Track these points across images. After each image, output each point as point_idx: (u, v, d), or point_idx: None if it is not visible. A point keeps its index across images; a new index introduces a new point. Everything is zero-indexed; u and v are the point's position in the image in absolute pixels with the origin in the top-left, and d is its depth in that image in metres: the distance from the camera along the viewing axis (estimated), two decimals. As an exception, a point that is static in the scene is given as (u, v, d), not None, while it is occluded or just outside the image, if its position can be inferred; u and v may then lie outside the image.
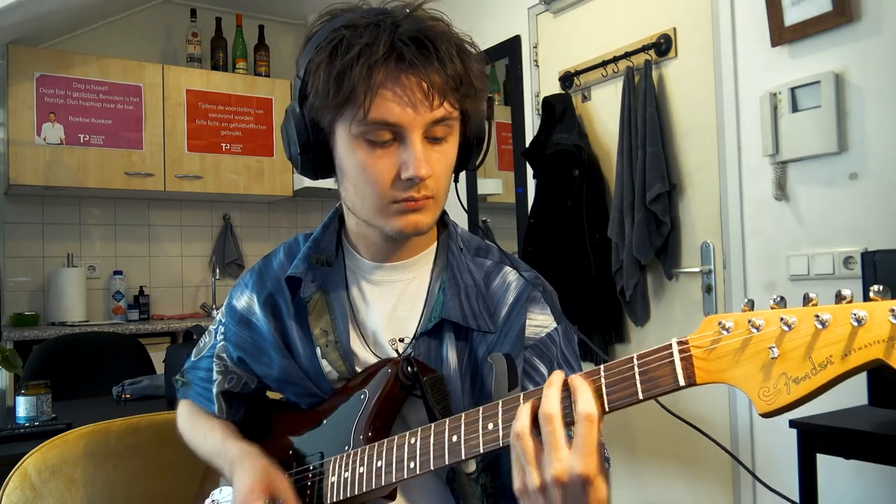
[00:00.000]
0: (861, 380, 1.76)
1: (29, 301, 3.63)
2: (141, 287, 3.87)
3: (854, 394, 1.79)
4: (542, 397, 0.68)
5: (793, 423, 1.75)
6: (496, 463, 0.91)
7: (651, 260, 2.53)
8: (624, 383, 0.65)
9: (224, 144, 3.84)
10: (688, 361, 0.62)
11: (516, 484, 0.69)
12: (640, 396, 0.64)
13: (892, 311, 0.51)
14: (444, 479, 0.92)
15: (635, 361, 0.65)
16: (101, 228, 3.84)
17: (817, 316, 0.55)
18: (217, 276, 4.05)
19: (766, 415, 0.57)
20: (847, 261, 2.03)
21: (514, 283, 0.95)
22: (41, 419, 1.76)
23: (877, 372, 1.76)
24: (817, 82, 2.07)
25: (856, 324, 0.53)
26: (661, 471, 2.60)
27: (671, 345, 0.63)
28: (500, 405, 0.73)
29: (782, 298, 0.58)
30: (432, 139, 0.87)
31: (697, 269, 2.47)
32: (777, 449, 2.19)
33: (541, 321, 0.93)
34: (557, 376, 0.69)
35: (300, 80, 0.89)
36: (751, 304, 0.60)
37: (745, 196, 2.31)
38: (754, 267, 2.29)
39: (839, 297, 0.55)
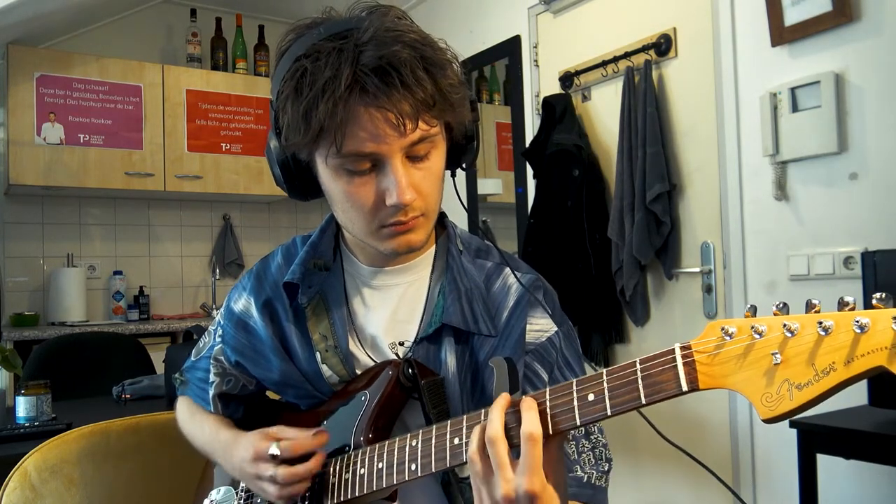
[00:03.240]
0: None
1: (29, 301, 3.62)
2: (141, 287, 3.87)
3: (854, 394, 1.79)
4: (487, 421, 0.70)
5: (793, 423, 1.75)
6: None
7: (651, 260, 2.53)
8: (626, 388, 0.65)
9: (224, 144, 3.83)
10: (691, 367, 0.62)
11: (475, 501, 0.72)
12: (643, 401, 0.64)
13: (895, 318, 0.52)
14: (438, 481, 0.92)
15: (638, 366, 0.65)
16: (101, 228, 3.84)
17: (820, 323, 0.55)
18: (217, 276, 4.05)
19: (768, 420, 0.58)
20: (847, 261, 2.03)
21: (514, 286, 0.95)
22: (41, 419, 1.76)
23: (877, 375, 1.76)
24: (817, 82, 2.07)
25: (858, 331, 0.53)
26: (661, 471, 2.60)
27: (674, 350, 0.63)
28: (465, 420, 0.74)
29: (785, 304, 0.58)
30: (415, 157, 0.85)
31: (697, 269, 2.47)
32: (777, 449, 2.19)
33: (541, 325, 0.93)
34: (503, 398, 0.72)
35: (273, 110, 0.87)
36: (753, 310, 0.60)
37: (745, 196, 2.31)
38: (754, 267, 2.29)
39: (842, 304, 0.55)
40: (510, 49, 3.25)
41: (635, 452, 2.67)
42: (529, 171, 3.03)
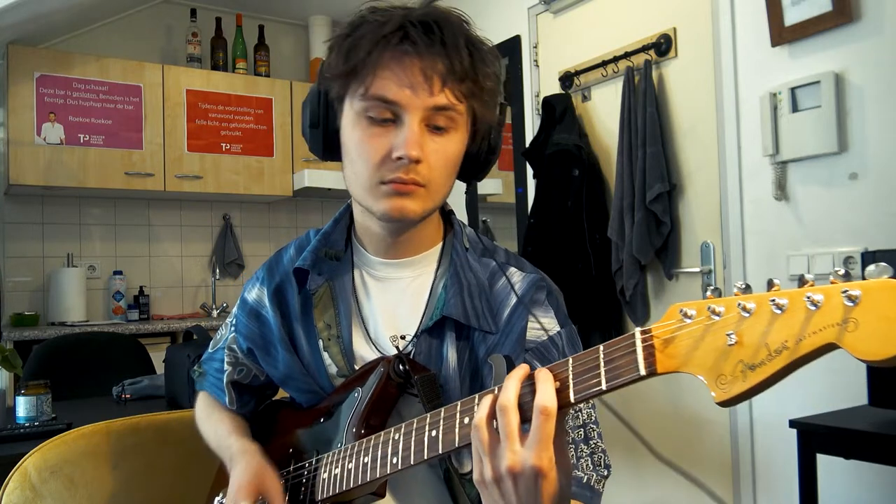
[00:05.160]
0: (861, 380, 1.76)
1: (29, 301, 3.62)
2: (141, 287, 3.86)
3: (854, 394, 1.79)
4: (502, 389, 0.68)
5: (793, 423, 1.75)
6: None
7: (651, 260, 2.53)
8: (589, 374, 0.64)
9: (224, 144, 3.83)
10: (649, 351, 0.60)
11: (475, 474, 0.69)
12: (604, 387, 0.63)
13: (845, 292, 0.50)
14: (441, 477, 0.93)
15: (601, 351, 0.64)
16: (101, 228, 3.84)
17: (773, 300, 0.53)
18: (217, 276, 4.05)
19: (722, 403, 0.56)
20: (847, 261, 2.03)
21: (517, 285, 0.95)
22: (41, 419, 1.76)
23: (877, 371, 1.75)
24: (817, 82, 2.07)
25: (812, 308, 0.51)
26: (661, 471, 2.60)
27: (634, 334, 0.62)
28: (477, 398, 0.73)
29: (748, 286, 0.56)
30: (434, 128, 0.87)
31: (697, 269, 2.47)
32: (777, 449, 2.19)
33: (543, 324, 0.93)
34: (521, 369, 0.69)
35: (323, 61, 0.93)
36: (717, 293, 0.58)
37: (745, 196, 2.31)
38: (754, 267, 2.29)
39: (801, 282, 0.53)
40: (510, 49, 3.25)
41: (635, 452, 2.67)
42: (529, 171, 3.03)
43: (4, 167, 3.39)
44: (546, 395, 0.65)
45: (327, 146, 0.96)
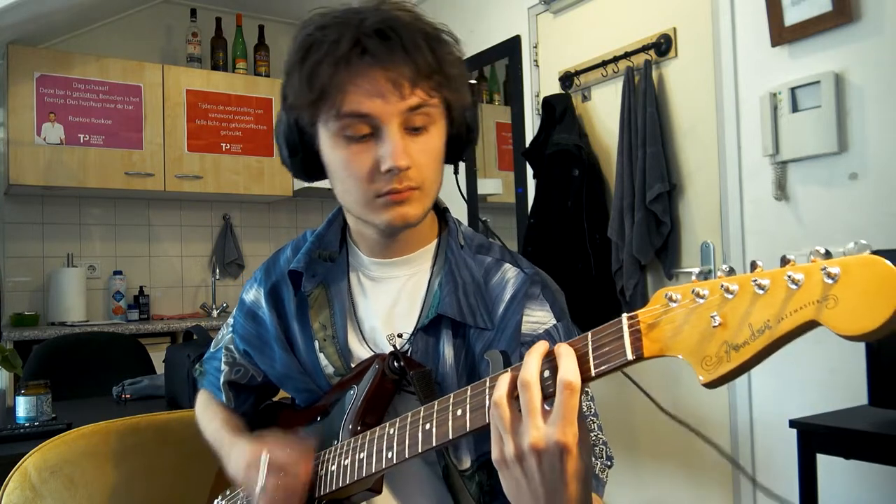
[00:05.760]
0: (861, 380, 1.76)
1: (29, 301, 3.62)
2: (141, 287, 3.87)
3: (854, 394, 1.79)
4: (522, 364, 0.67)
5: (793, 423, 1.75)
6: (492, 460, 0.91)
7: (651, 260, 2.53)
8: (579, 360, 0.64)
9: (224, 144, 3.83)
10: (636, 336, 0.60)
11: (494, 454, 0.67)
12: (593, 373, 0.63)
13: (824, 269, 0.51)
14: (440, 475, 0.93)
15: (589, 339, 0.64)
16: (101, 228, 3.84)
17: (755, 281, 0.54)
18: (217, 276, 4.05)
19: (708, 384, 0.56)
20: (847, 261, 2.02)
21: (512, 280, 0.95)
22: (41, 419, 1.76)
23: (877, 371, 1.74)
24: (817, 82, 2.07)
25: (793, 287, 0.52)
26: (661, 471, 2.60)
27: (621, 319, 0.62)
28: (469, 390, 0.72)
29: (731, 269, 0.57)
30: (412, 129, 0.87)
31: (697, 269, 2.47)
32: (777, 449, 2.19)
33: (538, 318, 0.93)
34: (541, 345, 0.68)
35: (283, 86, 0.91)
36: (703, 277, 0.59)
37: (745, 196, 2.31)
38: (754, 267, 2.29)
39: (783, 262, 0.54)
40: (510, 49, 3.25)
41: (635, 452, 2.67)
42: (529, 171, 3.03)
43: (4, 167, 3.39)
44: (569, 369, 0.63)
45: (310, 171, 0.96)
